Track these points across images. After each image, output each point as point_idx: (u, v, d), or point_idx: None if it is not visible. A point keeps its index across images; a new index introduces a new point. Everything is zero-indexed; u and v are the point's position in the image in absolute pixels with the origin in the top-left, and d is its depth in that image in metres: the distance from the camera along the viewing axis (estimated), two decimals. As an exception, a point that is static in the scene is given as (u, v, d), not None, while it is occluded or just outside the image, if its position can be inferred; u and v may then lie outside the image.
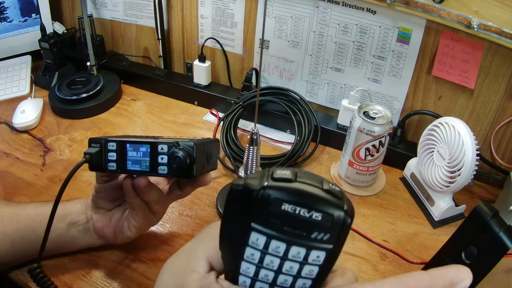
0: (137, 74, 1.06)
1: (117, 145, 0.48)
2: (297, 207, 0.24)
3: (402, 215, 0.74)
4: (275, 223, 0.25)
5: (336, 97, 0.93)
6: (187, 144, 0.46)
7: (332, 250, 0.26)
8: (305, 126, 0.84)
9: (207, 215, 0.72)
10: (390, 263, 0.65)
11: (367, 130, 0.71)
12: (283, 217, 0.25)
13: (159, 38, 1.03)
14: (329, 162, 0.86)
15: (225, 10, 0.94)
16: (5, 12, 1.00)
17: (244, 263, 0.26)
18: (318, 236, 0.25)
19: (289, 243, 0.25)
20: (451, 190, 0.69)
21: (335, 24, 0.84)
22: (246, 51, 0.98)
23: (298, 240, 0.25)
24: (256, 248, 0.26)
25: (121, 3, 1.05)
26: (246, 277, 0.27)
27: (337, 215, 0.25)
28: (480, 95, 0.77)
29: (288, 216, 0.25)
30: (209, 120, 0.97)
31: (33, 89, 1.03)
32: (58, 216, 0.57)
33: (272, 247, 0.25)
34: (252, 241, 0.26)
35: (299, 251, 0.26)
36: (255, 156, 0.66)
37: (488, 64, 0.73)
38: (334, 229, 0.25)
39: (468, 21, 0.69)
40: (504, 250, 0.45)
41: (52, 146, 0.86)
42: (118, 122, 0.95)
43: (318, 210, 0.25)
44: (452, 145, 0.67)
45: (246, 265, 0.26)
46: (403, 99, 0.86)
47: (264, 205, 0.25)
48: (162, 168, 0.46)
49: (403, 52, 0.81)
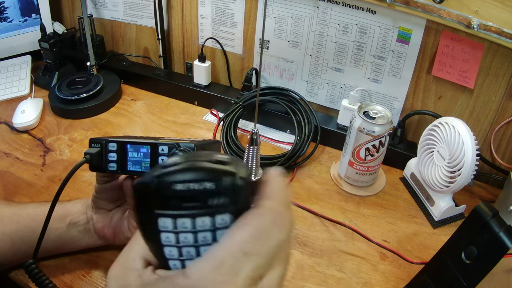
0: (137, 74, 1.06)
1: (117, 145, 0.48)
2: (188, 184, 0.27)
3: (402, 215, 0.74)
4: (174, 203, 0.27)
5: (336, 97, 0.93)
6: (187, 146, 0.46)
7: (236, 210, 0.28)
8: (305, 126, 0.84)
9: (207, 215, 0.72)
10: (390, 263, 0.65)
11: (367, 130, 0.71)
12: (179, 196, 0.27)
13: (159, 38, 1.03)
14: (329, 162, 0.86)
15: (225, 10, 0.94)
16: (5, 12, 1.00)
17: (166, 248, 0.29)
18: (216, 202, 0.27)
19: (192, 217, 0.27)
20: (451, 190, 0.69)
21: (335, 24, 0.84)
22: (246, 51, 0.98)
23: (199, 211, 0.27)
24: (168, 231, 0.28)
25: (121, 3, 1.05)
26: (174, 259, 0.29)
27: (225, 179, 0.27)
28: (480, 95, 0.77)
29: (183, 193, 0.27)
30: (209, 120, 0.97)
31: (33, 89, 1.03)
32: (58, 216, 0.57)
33: (180, 225, 0.28)
34: (162, 226, 0.28)
35: (204, 220, 0.28)
36: (255, 156, 0.66)
37: (488, 64, 0.73)
38: (228, 191, 0.27)
39: (468, 21, 0.69)
40: (504, 250, 0.45)
41: (52, 146, 0.86)
42: (118, 122, 0.95)
43: (208, 180, 0.27)
44: (452, 145, 0.67)
45: (168, 249, 0.29)
46: (403, 99, 0.86)
47: (160, 191, 0.27)
48: None
49: (403, 52, 0.81)
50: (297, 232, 0.70)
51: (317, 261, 0.65)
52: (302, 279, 0.62)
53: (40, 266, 0.58)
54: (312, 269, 0.64)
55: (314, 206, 0.75)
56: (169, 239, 0.28)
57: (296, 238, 0.69)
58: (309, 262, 0.65)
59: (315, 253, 0.66)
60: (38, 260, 0.59)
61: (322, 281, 0.62)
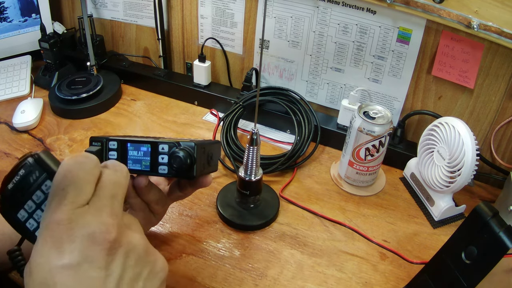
0: (137, 74, 1.06)
1: (118, 144, 0.48)
2: (13, 179, 0.37)
3: (402, 215, 0.74)
4: (17, 199, 0.37)
5: (336, 97, 0.93)
6: (188, 145, 0.46)
7: (50, 173, 0.36)
8: (305, 126, 0.84)
9: (207, 215, 0.72)
10: (390, 263, 0.65)
11: (367, 130, 0.71)
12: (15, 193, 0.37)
13: (159, 38, 1.03)
14: (329, 162, 0.86)
15: (225, 10, 0.94)
16: (5, 12, 1.00)
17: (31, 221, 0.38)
18: (33, 177, 0.37)
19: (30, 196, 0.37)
20: (451, 190, 0.69)
21: (335, 24, 0.84)
22: (246, 51, 0.98)
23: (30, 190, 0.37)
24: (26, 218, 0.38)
25: (121, 3, 1.05)
26: None
27: (26, 161, 0.37)
28: (480, 95, 0.77)
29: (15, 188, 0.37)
30: (209, 120, 0.97)
31: (33, 89, 1.03)
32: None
33: (29, 208, 0.37)
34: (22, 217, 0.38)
35: (39, 194, 0.37)
36: (255, 156, 0.66)
37: (488, 64, 0.73)
38: (35, 166, 0.37)
39: (468, 21, 0.69)
40: (504, 250, 0.45)
41: (52, 146, 0.86)
42: (118, 122, 0.95)
43: (18, 170, 0.37)
44: (452, 145, 0.67)
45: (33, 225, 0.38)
46: (403, 99, 0.86)
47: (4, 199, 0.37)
48: (162, 168, 0.46)
49: (403, 52, 0.81)
50: (297, 232, 0.70)
51: (317, 261, 0.65)
52: (302, 279, 0.62)
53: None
54: (312, 269, 0.64)
55: (314, 206, 0.75)
56: (31, 224, 0.38)
57: (296, 238, 0.69)
58: (309, 262, 0.65)
59: (315, 253, 0.66)
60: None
61: (322, 281, 0.62)
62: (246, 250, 0.66)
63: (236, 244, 0.67)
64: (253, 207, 0.72)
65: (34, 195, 0.37)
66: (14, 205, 0.37)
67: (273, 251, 0.66)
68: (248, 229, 0.69)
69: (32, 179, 0.37)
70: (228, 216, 0.70)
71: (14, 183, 0.37)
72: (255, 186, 0.69)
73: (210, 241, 0.67)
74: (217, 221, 0.71)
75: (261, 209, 0.72)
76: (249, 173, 0.67)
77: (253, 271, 0.63)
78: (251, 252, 0.66)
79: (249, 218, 0.70)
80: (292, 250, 0.67)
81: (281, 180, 0.80)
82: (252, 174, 0.67)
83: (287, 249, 0.67)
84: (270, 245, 0.67)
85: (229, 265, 0.64)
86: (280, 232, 0.70)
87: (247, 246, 0.67)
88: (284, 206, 0.75)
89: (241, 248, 0.67)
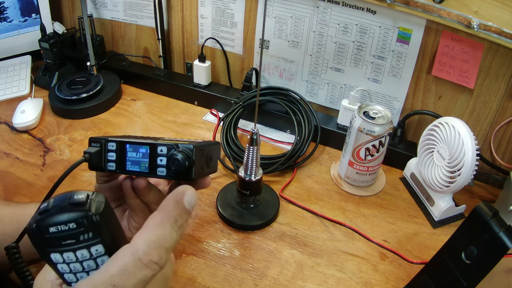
0: (137, 74, 1.06)
1: (117, 145, 0.48)
2: (58, 226, 0.32)
3: (402, 215, 0.74)
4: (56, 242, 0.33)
5: (336, 97, 0.93)
6: (186, 147, 0.45)
7: (104, 239, 0.34)
8: (305, 126, 0.84)
9: (207, 215, 0.72)
10: (390, 263, 0.65)
11: (367, 130, 0.71)
12: (56, 237, 0.33)
13: (159, 38, 1.03)
14: (329, 162, 0.86)
15: (225, 10, 0.94)
16: (5, 12, 1.00)
17: (65, 275, 0.35)
18: (85, 236, 0.33)
19: (73, 251, 0.33)
20: (451, 190, 0.69)
21: (335, 24, 0.84)
22: (246, 51, 0.98)
23: (76, 246, 0.33)
24: (60, 262, 0.34)
25: (121, 3, 1.05)
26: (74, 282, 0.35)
27: (82, 219, 0.33)
28: (480, 95, 0.77)
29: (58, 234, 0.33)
30: (209, 120, 0.97)
31: (33, 89, 1.03)
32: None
33: (66, 258, 0.34)
34: (54, 259, 0.34)
35: (82, 253, 0.34)
36: (255, 156, 0.66)
37: (488, 64, 0.73)
38: (90, 226, 0.33)
39: (468, 21, 0.69)
40: (504, 250, 0.45)
41: (52, 146, 0.86)
42: (118, 122, 0.95)
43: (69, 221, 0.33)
44: (452, 145, 0.67)
45: (67, 275, 0.35)
46: (403, 99, 0.86)
47: (41, 235, 0.33)
48: (161, 170, 0.46)
49: (403, 52, 0.81)
50: (297, 232, 0.70)
51: (317, 261, 0.65)
52: (302, 279, 0.62)
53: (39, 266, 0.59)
54: (312, 269, 0.64)
55: (314, 206, 0.75)
56: (64, 269, 0.34)
57: (296, 238, 0.69)
58: (309, 262, 0.65)
59: (315, 253, 0.66)
60: (38, 260, 0.59)
61: (322, 281, 0.62)
62: (246, 250, 0.66)
63: (236, 244, 0.67)
64: (253, 207, 0.72)
65: (78, 251, 0.34)
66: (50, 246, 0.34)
67: (273, 251, 0.66)
68: (248, 229, 0.69)
69: (83, 238, 0.33)
70: (228, 216, 0.70)
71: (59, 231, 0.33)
72: (255, 186, 0.69)
73: (210, 241, 0.67)
74: (217, 221, 0.71)
75: (261, 209, 0.72)
76: (249, 173, 0.67)
77: (253, 271, 0.63)
78: (251, 252, 0.66)
79: (249, 218, 0.70)
80: (292, 250, 0.67)
81: (281, 180, 0.80)
82: (252, 174, 0.67)
83: (287, 249, 0.67)
84: (270, 245, 0.67)
85: (229, 265, 0.64)
86: (280, 232, 0.70)
87: (247, 246, 0.67)
88: (284, 206, 0.75)
89: (241, 248, 0.67)
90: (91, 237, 0.33)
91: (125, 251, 0.33)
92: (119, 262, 0.33)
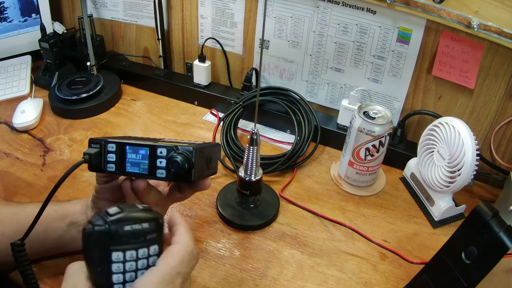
0: (137, 74, 1.06)
1: (116, 146, 0.48)
2: (132, 225, 0.38)
3: (402, 215, 0.74)
4: (124, 240, 0.38)
5: (336, 97, 0.93)
6: (186, 149, 0.45)
7: (160, 241, 0.40)
8: (305, 126, 0.84)
9: (207, 215, 0.72)
10: (390, 263, 0.65)
11: (367, 130, 0.71)
12: (129, 234, 0.38)
13: (159, 38, 1.03)
14: (329, 162, 0.86)
15: (225, 10, 0.94)
16: (5, 12, 1.00)
17: (114, 275, 0.38)
18: (150, 236, 0.39)
19: (136, 249, 0.38)
20: (451, 190, 0.69)
21: (335, 24, 0.84)
22: (246, 51, 0.98)
23: (141, 244, 0.39)
24: (119, 261, 0.38)
25: (121, 3, 1.05)
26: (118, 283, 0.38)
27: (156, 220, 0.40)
28: (480, 95, 0.77)
29: (131, 231, 0.38)
30: (209, 120, 0.97)
31: (33, 89, 1.03)
32: (58, 216, 0.57)
33: (128, 256, 0.38)
34: (115, 258, 0.37)
35: (144, 251, 0.39)
36: (255, 156, 0.66)
37: (488, 64, 0.73)
38: (157, 229, 0.40)
39: (468, 21, 0.69)
40: (504, 250, 0.45)
41: (52, 146, 0.86)
42: (118, 122, 0.95)
43: (145, 221, 0.39)
44: (452, 145, 0.67)
45: (116, 276, 0.38)
46: (403, 99, 0.86)
47: (115, 232, 0.37)
48: (160, 172, 0.46)
49: (403, 52, 0.81)
50: (297, 232, 0.70)
51: (317, 261, 0.65)
52: (302, 279, 0.62)
53: (39, 265, 0.59)
54: (312, 269, 0.64)
55: (314, 206, 0.75)
56: (119, 268, 0.38)
57: (296, 238, 0.69)
58: (309, 262, 0.65)
59: (315, 253, 0.66)
60: (38, 261, 0.59)
61: (322, 281, 0.62)
62: (246, 250, 0.66)
63: (236, 244, 0.67)
64: (253, 207, 0.72)
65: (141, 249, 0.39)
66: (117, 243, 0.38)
67: (273, 251, 0.66)
68: (248, 229, 0.69)
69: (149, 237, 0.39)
70: (228, 216, 0.70)
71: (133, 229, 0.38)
72: (255, 186, 0.69)
73: (210, 241, 0.67)
74: (217, 221, 0.71)
75: (261, 209, 0.72)
76: (249, 173, 0.67)
77: (253, 271, 0.63)
78: (251, 252, 0.66)
79: (249, 218, 0.70)
80: (292, 250, 0.67)
81: (281, 180, 0.80)
82: (252, 174, 0.67)
83: (287, 249, 0.67)
84: (270, 245, 0.67)
85: (229, 265, 0.64)
86: (280, 232, 0.70)
87: (247, 246, 0.67)
88: (284, 206, 0.75)
89: (241, 248, 0.67)
90: (154, 238, 0.39)
91: (178, 248, 0.42)
92: (178, 256, 0.41)
